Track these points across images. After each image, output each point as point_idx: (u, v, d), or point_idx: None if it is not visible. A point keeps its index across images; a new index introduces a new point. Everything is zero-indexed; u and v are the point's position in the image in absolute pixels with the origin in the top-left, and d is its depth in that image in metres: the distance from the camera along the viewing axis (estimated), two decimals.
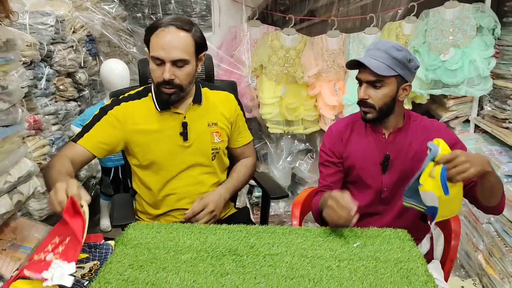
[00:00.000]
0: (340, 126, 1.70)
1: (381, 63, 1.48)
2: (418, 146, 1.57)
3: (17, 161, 1.59)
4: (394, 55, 1.48)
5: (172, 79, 1.47)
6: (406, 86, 1.54)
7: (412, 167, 1.56)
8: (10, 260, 1.40)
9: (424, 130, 1.60)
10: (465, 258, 2.54)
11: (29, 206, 2.42)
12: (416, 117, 1.64)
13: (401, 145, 1.59)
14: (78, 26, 3.15)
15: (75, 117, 3.00)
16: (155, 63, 1.48)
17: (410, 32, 2.69)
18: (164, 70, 1.46)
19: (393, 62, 1.48)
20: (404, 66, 1.50)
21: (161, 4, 3.87)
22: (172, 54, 1.45)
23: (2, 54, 1.50)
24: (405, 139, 1.59)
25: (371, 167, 1.61)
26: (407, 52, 1.50)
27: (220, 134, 1.66)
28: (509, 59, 2.48)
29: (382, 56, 1.48)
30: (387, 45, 1.50)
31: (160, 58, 1.46)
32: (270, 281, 1.16)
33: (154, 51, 1.46)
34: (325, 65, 2.77)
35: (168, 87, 1.49)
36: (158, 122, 1.58)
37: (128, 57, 3.77)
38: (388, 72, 1.48)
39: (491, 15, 2.53)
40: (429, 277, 1.18)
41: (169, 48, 1.44)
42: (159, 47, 1.45)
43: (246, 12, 2.91)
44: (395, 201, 1.61)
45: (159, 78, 1.48)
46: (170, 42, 1.45)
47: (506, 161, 2.25)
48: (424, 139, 1.56)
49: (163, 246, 1.33)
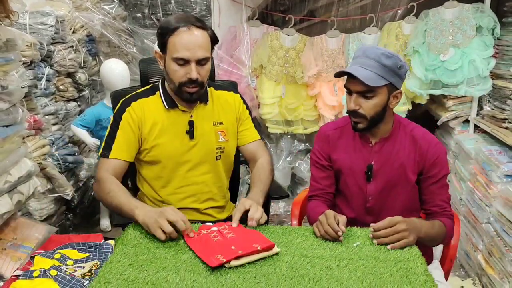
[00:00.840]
0: (329, 129, 1.67)
1: (371, 73, 1.41)
2: (404, 156, 1.54)
3: (17, 161, 1.59)
4: (384, 63, 1.41)
5: (197, 78, 1.50)
6: (397, 94, 1.49)
7: (398, 176, 1.56)
8: (10, 260, 1.40)
9: (412, 141, 1.55)
10: (464, 258, 2.54)
11: (29, 206, 2.43)
12: (407, 125, 1.59)
13: (387, 154, 1.56)
14: (78, 26, 3.16)
15: (75, 117, 3.00)
16: (177, 63, 1.49)
17: (410, 32, 2.69)
18: (188, 70, 1.48)
19: (383, 70, 1.42)
20: (394, 73, 1.44)
21: (161, 4, 3.88)
22: (197, 53, 1.47)
23: (2, 54, 1.50)
24: (392, 148, 1.55)
25: (356, 175, 1.59)
26: (397, 58, 1.44)
27: (225, 133, 1.67)
28: (508, 59, 2.48)
29: (372, 64, 1.42)
30: (377, 53, 1.43)
31: (185, 58, 1.47)
32: (270, 281, 1.16)
33: (178, 52, 1.47)
34: (325, 65, 2.77)
35: (192, 86, 1.51)
36: (166, 120, 1.60)
37: (128, 57, 3.77)
38: (379, 82, 1.42)
39: (491, 15, 2.53)
40: (429, 277, 1.19)
41: (194, 48, 1.46)
42: (183, 48, 1.46)
43: (246, 12, 2.91)
44: (384, 214, 1.49)
45: (182, 78, 1.50)
46: (194, 42, 1.47)
47: (505, 161, 2.25)
48: (411, 150, 1.55)
49: (163, 245, 1.33)
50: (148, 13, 3.91)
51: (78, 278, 1.22)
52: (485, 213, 2.27)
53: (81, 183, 3.04)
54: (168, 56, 1.50)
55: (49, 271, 1.22)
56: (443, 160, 1.55)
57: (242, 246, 1.26)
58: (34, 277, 1.21)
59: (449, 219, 1.56)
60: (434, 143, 1.56)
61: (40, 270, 1.22)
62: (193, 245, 1.30)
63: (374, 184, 1.58)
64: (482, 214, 2.29)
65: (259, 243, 1.28)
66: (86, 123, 2.81)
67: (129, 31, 3.78)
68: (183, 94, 1.54)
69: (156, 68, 1.84)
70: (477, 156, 2.44)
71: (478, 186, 2.38)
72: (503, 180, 2.19)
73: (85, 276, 1.24)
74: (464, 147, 2.61)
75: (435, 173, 1.54)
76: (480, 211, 2.32)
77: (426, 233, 1.42)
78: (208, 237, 1.35)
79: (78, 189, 2.98)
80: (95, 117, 2.82)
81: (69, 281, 1.20)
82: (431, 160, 1.53)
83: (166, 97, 1.60)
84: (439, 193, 1.57)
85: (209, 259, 1.22)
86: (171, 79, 1.53)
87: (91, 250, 1.36)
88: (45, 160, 2.49)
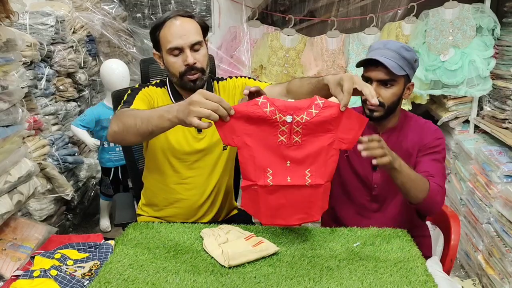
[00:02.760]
0: None
1: (394, 63, 1.48)
2: (410, 146, 1.59)
3: (17, 161, 1.59)
4: (404, 55, 1.50)
5: (194, 63, 1.51)
6: (410, 86, 1.58)
7: None
8: (10, 260, 1.40)
9: (416, 130, 1.62)
10: (464, 258, 2.54)
11: (29, 206, 2.43)
12: (411, 117, 1.66)
13: (393, 144, 1.57)
14: (78, 26, 3.16)
15: (75, 117, 3.00)
16: (173, 54, 1.50)
17: (410, 32, 2.69)
18: (184, 58, 1.50)
19: (403, 62, 1.50)
20: (411, 66, 1.53)
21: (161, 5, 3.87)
22: (189, 38, 1.49)
23: (3, 54, 1.50)
24: (398, 138, 1.61)
25: (363, 163, 1.62)
26: (413, 52, 1.54)
27: None
28: (508, 60, 2.48)
29: (393, 55, 1.49)
30: (397, 45, 1.52)
31: (178, 46, 1.49)
32: (270, 281, 1.16)
33: (171, 42, 1.49)
34: (325, 65, 2.77)
35: (192, 73, 1.52)
36: None
37: (128, 57, 3.77)
38: (400, 71, 1.50)
39: (491, 16, 2.53)
40: (429, 277, 1.19)
41: (185, 33, 1.49)
42: (175, 36, 1.48)
43: (246, 13, 2.91)
44: (389, 201, 1.63)
45: (181, 67, 1.51)
46: (183, 28, 1.49)
47: (505, 161, 2.25)
48: (415, 140, 1.59)
49: (163, 246, 1.33)
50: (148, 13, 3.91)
51: (78, 278, 1.22)
52: (485, 213, 2.27)
53: (81, 183, 3.04)
54: (164, 51, 1.52)
55: (49, 271, 1.22)
56: (439, 142, 1.59)
57: (296, 170, 1.19)
58: (34, 277, 1.21)
59: (436, 184, 1.48)
60: (433, 129, 1.62)
61: (41, 270, 1.22)
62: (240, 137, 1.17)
63: (380, 173, 1.61)
64: (482, 215, 2.29)
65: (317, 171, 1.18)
66: (86, 123, 2.81)
67: (129, 31, 3.78)
68: (186, 84, 1.54)
69: (157, 68, 1.85)
70: (477, 156, 2.45)
71: (478, 186, 2.39)
72: (503, 181, 2.19)
73: (85, 276, 1.24)
74: (464, 147, 2.61)
75: (428, 147, 1.58)
76: (480, 211, 2.32)
77: (401, 166, 1.38)
78: (269, 131, 1.19)
79: (78, 189, 2.98)
80: (95, 117, 2.83)
81: (69, 281, 1.20)
82: (428, 140, 1.59)
83: (173, 92, 1.61)
84: (427, 165, 1.54)
85: (255, 173, 1.17)
86: (172, 72, 1.54)
87: (91, 250, 1.36)
88: (45, 160, 2.49)
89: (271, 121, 1.19)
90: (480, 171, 2.39)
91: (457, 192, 2.66)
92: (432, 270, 1.26)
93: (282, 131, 1.21)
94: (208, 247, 1.31)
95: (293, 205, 1.26)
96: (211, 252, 1.28)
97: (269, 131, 1.20)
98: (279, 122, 1.19)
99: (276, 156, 1.22)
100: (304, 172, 1.23)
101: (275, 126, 1.20)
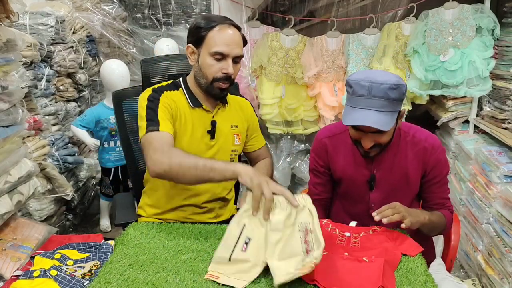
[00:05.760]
0: (324, 136, 1.65)
1: (383, 115, 1.34)
2: (407, 163, 1.54)
3: (17, 161, 1.59)
4: (392, 97, 1.34)
5: (231, 74, 1.53)
6: (402, 113, 1.48)
7: (401, 183, 1.56)
8: (10, 260, 1.40)
9: (413, 146, 1.54)
10: (464, 258, 2.54)
11: (29, 206, 2.43)
12: (408, 131, 1.56)
13: (389, 163, 1.55)
14: (78, 26, 3.16)
15: (75, 117, 3.00)
16: (215, 57, 1.51)
17: (410, 32, 2.69)
18: (223, 65, 1.51)
19: (392, 105, 1.36)
20: (401, 101, 1.39)
21: (161, 5, 3.88)
22: (235, 50, 1.51)
23: (3, 54, 1.50)
24: (393, 157, 1.55)
25: (358, 184, 1.59)
26: (400, 85, 1.35)
27: (239, 137, 1.70)
28: (508, 60, 2.49)
29: (382, 104, 1.34)
30: (384, 88, 1.33)
31: (224, 53, 1.50)
32: (270, 281, 1.16)
33: (218, 47, 1.49)
34: (325, 66, 2.77)
35: (226, 82, 1.54)
36: (190, 117, 1.60)
37: (128, 57, 3.78)
38: (392, 121, 1.37)
39: (491, 16, 2.53)
40: (429, 277, 1.19)
41: (232, 44, 1.51)
42: (222, 43, 1.49)
43: (246, 13, 2.91)
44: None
45: (217, 73, 1.52)
46: (233, 38, 1.51)
47: (505, 161, 2.25)
48: (413, 156, 1.53)
49: (163, 246, 1.33)
50: (148, 14, 3.91)
51: (78, 278, 1.22)
52: (485, 213, 2.28)
53: (81, 184, 3.04)
54: (205, 51, 1.52)
55: (49, 271, 1.22)
56: (443, 161, 1.56)
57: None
58: (34, 277, 1.21)
59: (449, 211, 1.59)
60: (435, 146, 1.54)
61: (41, 270, 1.23)
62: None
63: (377, 192, 1.58)
64: (482, 215, 2.30)
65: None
66: (86, 124, 2.82)
67: (129, 32, 3.78)
68: (214, 90, 1.55)
69: (157, 68, 1.84)
70: (477, 157, 2.45)
71: (478, 186, 2.39)
72: (503, 181, 2.20)
73: (85, 276, 1.24)
74: (464, 147, 2.61)
75: (436, 174, 1.55)
76: (480, 211, 2.33)
77: (427, 219, 1.44)
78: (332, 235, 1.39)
79: (78, 189, 2.98)
80: (95, 117, 2.83)
81: (69, 281, 1.20)
82: (432, 164, 1.54)
83: (190, 96, 1.60)
84: (439, 191, 1.59)
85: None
86: (205, 73, 1.54)
87: (91, 250, 1.36)
88: (45, 160, 2.49)
89: (330, 234, 1.39)
90: (480, 171, 2.39)
91: (457, 192, 2.66)
92: (442, 274, 1.29)
93: (340, 239, 1.39)
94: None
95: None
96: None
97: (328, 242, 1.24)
98: (338, 235, 1.41)
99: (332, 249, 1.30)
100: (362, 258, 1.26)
101: (334, 237, 1.40)
